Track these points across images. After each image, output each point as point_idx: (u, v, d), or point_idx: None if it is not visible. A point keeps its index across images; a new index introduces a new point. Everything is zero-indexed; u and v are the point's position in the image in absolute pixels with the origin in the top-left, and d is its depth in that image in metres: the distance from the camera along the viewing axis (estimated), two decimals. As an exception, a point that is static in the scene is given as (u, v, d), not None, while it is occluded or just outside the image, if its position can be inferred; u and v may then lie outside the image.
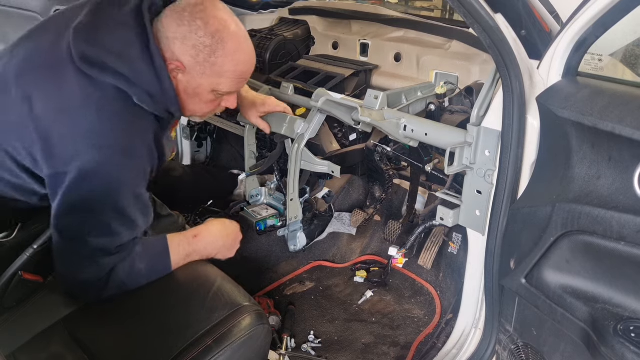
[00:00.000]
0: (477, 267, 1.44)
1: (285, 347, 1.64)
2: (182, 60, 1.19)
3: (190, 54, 1.19)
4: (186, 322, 1.16)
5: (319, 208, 2.24)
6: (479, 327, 1.51)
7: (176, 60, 1.19)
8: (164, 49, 1.18)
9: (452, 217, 1.44)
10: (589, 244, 1.08)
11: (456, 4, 1.06)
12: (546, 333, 1.25)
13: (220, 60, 1.21)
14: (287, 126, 1.84)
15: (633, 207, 1.00)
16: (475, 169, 1.34)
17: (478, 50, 1.78)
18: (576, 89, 1.13)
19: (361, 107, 1.58)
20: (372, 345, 1.72)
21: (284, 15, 2.53)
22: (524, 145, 1.22)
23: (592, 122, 1.03)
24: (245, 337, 1.15)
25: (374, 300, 1.94)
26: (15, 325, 1.16)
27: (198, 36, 1.17)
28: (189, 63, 1.20)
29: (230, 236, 1.48)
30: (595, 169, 1.07)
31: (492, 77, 1.26)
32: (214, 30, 1.18)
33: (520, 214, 1.24)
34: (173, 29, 1.17)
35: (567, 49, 1.14)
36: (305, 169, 1.87)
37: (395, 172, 2.05)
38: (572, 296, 1.13)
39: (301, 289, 1.98)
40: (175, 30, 1.17)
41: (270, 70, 2.23)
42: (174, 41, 1.17)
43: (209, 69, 1.22)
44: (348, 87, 1.99)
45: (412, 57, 1.97)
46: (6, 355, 1.08)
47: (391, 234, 2.07)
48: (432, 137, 1.47)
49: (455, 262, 1.91)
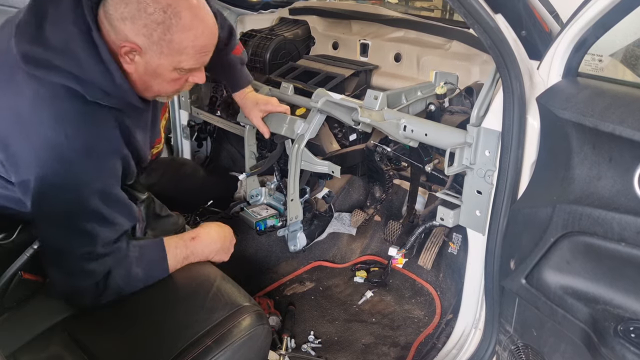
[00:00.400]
0: (477, 268, 1.44)
1: (285, 348, 1.64)
2: (136, 42, 1.10)
3: (143, 33, 1.09)
4: (186, 322, 1.16)
5: (319, 208, 2.24)
6: (479, 327, 1.51)
7: (130, 42, 1.10)
8: (114, 33, 1.10)
9: (452, 217, 1.44)
10: (590, 244, 1.08)
11: (456, 4, 1.06)
12: (546, 334, 1.25)
13: (176, 36, 1.12)
14: (287, 126, 1.84)
15: (634, 208, 0.99)
16: (475, 169, 1.34)
17: (478, 51, 1.78)
18: (576, 89, 1.13)
19: (361, 107, 1.58)
20: (372, 345, 1.72)
21: (284, 15, 2.53)
22: (524, 145, 1.22)
23: (592, 123, 1.03)
24: (245, 337, 1.15)
25: (374, 301, 1.94)
26: (15, 325, 1.16)
27: (148, 13, 1.08)
28: (144, 43, 1.11)
29: (227, 238, 1.47)
30: (596, 170, 1.07)
31: (492, 77, 1.26)
32: (165, 5, 1.08)
33: (520, 214, 1.24)
34: (121, 8, 1.08)
35: (567, 50, 1.14)
36: (305, 169, 1.87)
37: (395, 172, 2.05)
38: (573, 297, 1.13)
39: (301, 289, 1.98)
40: (123, 10, 1.08)
41: (270, 70, 2.23)
42: (124, 22, 1.09)
43: (166, 47, 1.13)
44: (348, 87, 1.99)
45: (412, 57, 1.97)
46: (6, 355, 1.08)
47: (391, 234, 2.07)
48: (432, 138, 1.47)
49: (455, 263, 1.91)
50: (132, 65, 1.16)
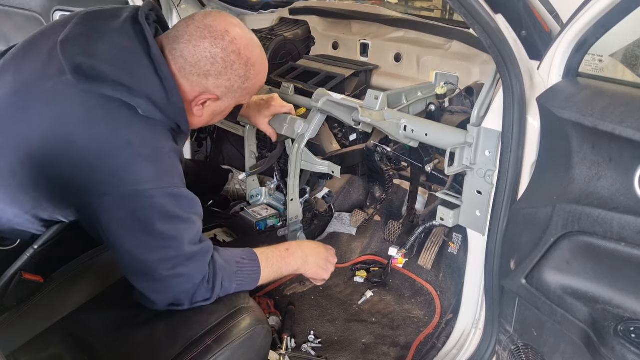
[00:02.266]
0: (477, 268, 1.44)
1: (285, 347, 1.64)
2: (216, 93, 1.18)
3: (225, 86, 1.18)
4: (186, 322, 1.16)
5: (319, 208, 2.24)
6: (479, 327, 1.51)
7: (210, 93, 1.18)
8: (189, 84, 1.15)
9: (452, 217, 1.44)
10: (589, 244, 1.08)
11: (456, 4, 1.06)
12: (546, 334, 1.25)
13: (252, 82, 1.22)
14: (288, 126, 1.84)
15: (633, 208, 1.00)
16: (475, 169, 1.34)
17: (478, 51, 1.78)
18: (577, 89, 1.13)
19: (361, 107, 1.58)
20: (372, 345, 1.72)
21: (284, 15, 2.53)
22: (524, 145, 1.22)
23: (592, 123, 1.03)
24: (245, 336, 1.15)
25: (374, 301, 1.94)
26: (15, 325, 1.16)
27: (234, 70, 1.16)
28: (222, 93, 1.19)
29: (321, 255, 1.49)
30: (596, 170, 1.07)
31: (493, 77, 1.26)
32: (246, 58, 1.17)
33: (520, 214, 1.24)
34: (207, 66, 1.13)
35: (567, 50, 1.14)
36: (306, 169, 1.87)
37: (395, 173, 2.05)
38: (572, 297, 1.13)
39: (301, 289, 1.98)
40: (209, 68, 1.14)
41: (270, 70, 2.21)
42: (207, 78, 1.15)
43: (241, 93, 1.22)
44: (348, 87, 1.99)
45: (412, 58, 1.97)
46: (6, 355, 1.08)
47: (391, 234, 2.07)
48: (432, 138, 1.47)
49: (455, 263, 1.91)
50: (202, 110, 1.21)
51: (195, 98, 1.17)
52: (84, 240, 1.19)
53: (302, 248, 1.45)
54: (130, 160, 1.04)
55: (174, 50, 1.13)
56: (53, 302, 1.20)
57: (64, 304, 1.21)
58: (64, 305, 1.20)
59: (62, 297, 1.21)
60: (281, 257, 1.36)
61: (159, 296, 1.14)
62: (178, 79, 1.14)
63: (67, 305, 1.21)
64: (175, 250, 1.10)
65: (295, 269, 1.41)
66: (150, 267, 1.10)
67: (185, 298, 1.15)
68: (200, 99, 1.17)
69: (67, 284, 1.23)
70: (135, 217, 1.06)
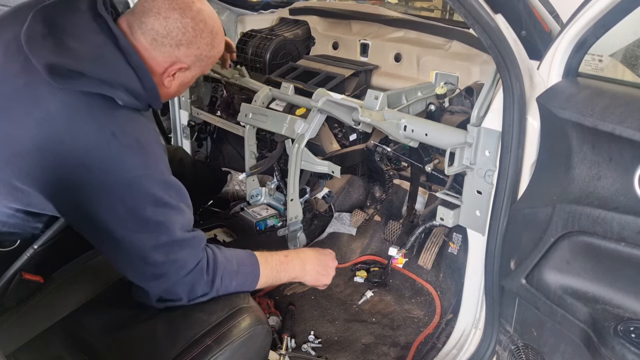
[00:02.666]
0: (477, 268, 1.44)
1: (285, 347, 1.64)
2: (187, 62, 1.21)
3: (194, 54, 1.21)
4: (186, 322, 1.16)
5: (319, 208, 2.24)
6: (479, 327, 1.51)
7: (181, 62, 1.20)
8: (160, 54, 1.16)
9: (452, 217, 1.44)
10: (589, 244, 1.08)
11: (456, 4, 1.06)
12: (546, 334, 1.25)
13: (216, 51, 1.25)
14: (287, 126, 1.84)
15: (633, 208, 1.00)
16: (475, 169, 1.34)
17: (478, 51, 1.78)
18: (576, 89, 1.13)
19: (361, 107, 1.58)
20: (372, 345, 1.72)
21: (284, 15, 2.53)
22: (524, 145, 1.22)
23: (592, 123, 1.03)
24: (245, 336, 1.15)
25: (374, 301, 1.94)
26: (15, 325, 1.16)
27: (202, 37, 1.19)
28: (192, 61, 1.22)
29: (319, 262, 1.49)
30: (596, 170, 1.07)
31: (492, 77, 1.26)
32: (211, 28, 1.21)
33: (520, 214, 1.24)
34: (178, 36, 1.15)
35: (567, 50, 1.14)
36: (306, 169, 1.87)
37: (395, 172, 2.05)
38: (572, 297, 1.13)
39: (301, 289, 1.98)
40: (181, 38, 1.16)
41: (270, 70, 2.23)
42: (179, 47, 1.17)
43: (206, 62, 1.25)
44: (348, 87, 1.99)
45: (412, 58, 1.97)
46: (6, 355, 1.08)
47: (391, 234, 2.07)
48: (432, 138, 1.47)
49: (455, 263, 1.91)
50: (172, 81, 1.23)
51: (166, 69, 1.20)
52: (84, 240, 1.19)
53: (299, 256, 1.45)
54: (116, 150, 1.06)
55: (143, 25, 1.15)
56: (53, 302, 1.20)
57: (64, 304, 1.21)
58: (64, 305, 1.20)
59: (62, 297, 1.21)
60: (280, 262, 1.36)
61: (155, 285, 1.15)
62: (150, 52, 1.16)
63: (67, 305, 1.21)
64: (168, 236, 1.12)
65: (294, 276, 1.41)
66: (144, 254, 1.11)
67: (183, 291, 1.16)
68: (171, 69, 1.20)
69: (67, 284, 1.23)
70: (126, 204, 1.08)
